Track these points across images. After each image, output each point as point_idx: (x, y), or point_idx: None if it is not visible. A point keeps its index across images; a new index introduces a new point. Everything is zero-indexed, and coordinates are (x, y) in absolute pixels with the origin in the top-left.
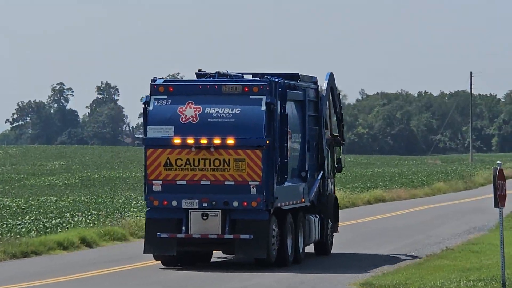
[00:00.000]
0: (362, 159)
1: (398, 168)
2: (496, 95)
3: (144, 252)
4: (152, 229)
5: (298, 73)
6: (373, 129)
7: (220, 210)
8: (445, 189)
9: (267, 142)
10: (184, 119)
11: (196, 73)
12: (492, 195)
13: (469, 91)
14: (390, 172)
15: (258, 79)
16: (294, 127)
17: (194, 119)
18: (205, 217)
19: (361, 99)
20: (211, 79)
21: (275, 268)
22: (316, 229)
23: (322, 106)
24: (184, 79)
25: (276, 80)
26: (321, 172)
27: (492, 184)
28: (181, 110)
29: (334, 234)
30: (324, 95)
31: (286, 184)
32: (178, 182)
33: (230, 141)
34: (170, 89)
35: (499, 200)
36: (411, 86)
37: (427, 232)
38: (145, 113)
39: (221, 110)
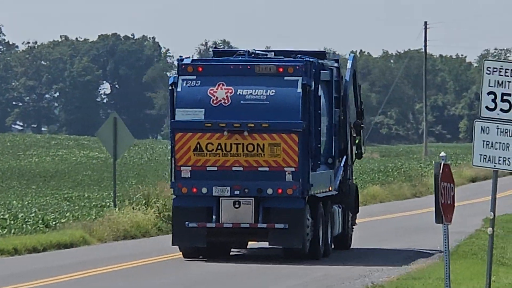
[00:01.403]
0: None
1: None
2: (465, 57)
3: (173, 244)
4: (180, 218)
5: (324, 51)
6: None
7: (253, 198)
8: (383, 196)
9: (304, 126)
10: (215, 101)
11: (213, 50)
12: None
13: (423, 50)
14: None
15: (292, 58)
16: (323, 110)
17: (226, 101)
18: (237, 205)
19: None
20: (240, 58)
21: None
22: (339, 220)
23: (346, 87)
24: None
25: (311, 60)
26: (344, 158)
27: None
28: (211, 91)
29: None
30: (348, 78)
31: (318, 171)
32: (208, 168)
33: (265, 124)
34: (200, 69)
35: (443, 212)
36: (340, 44)
37: (350, 261)
38: (172, 95)
39: (255, 92)
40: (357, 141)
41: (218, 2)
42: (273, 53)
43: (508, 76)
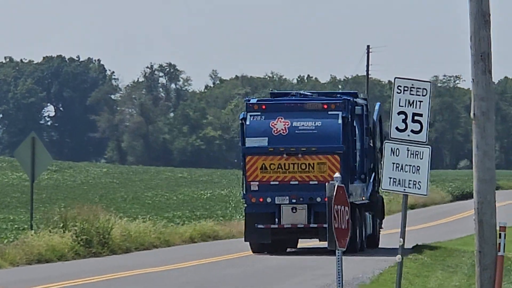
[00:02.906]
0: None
1: None
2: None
3: (245, 240)
4: (251, 221)
5: (356, 92)
6: (229, 132)
7: (306, 205)
8: None
9: (343, 149)
10: (275, 131)
11: (270, 93)
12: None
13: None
14: (239, 196)
15: (334, 98)
16: (357, 137)
17: (284, 131)
18: (294, 211)
19: (212, 85)
20: (293, 98)
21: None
22: (370, 224)
23: (374, 123)
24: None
25: (348, 98)
26: (373, 175)
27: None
28: (273, 124)
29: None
30: (375, 118)
31: (355, 183)
32: (271, 183)
33: (314, 148)
34: (263, 107)
35: (336, 237)
36: (286, 67)
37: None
38: (242, 127)
39: (306, 124)
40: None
41: (163, 26)
42: (317, 94)
43: (419, 95)
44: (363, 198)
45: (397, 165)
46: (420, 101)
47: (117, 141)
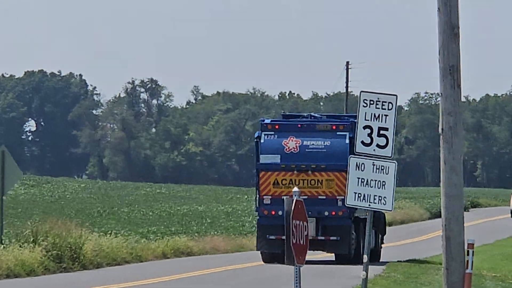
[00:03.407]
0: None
1: (231, 205)
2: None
3: (257, 249)
4: (263, 232)
5: None
6: (210, 148)
7: (315, 218)
8: None
9: None
10: (287, 150)
11: (282, 115)
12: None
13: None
14: (216, 211)
15: (342, 120)
16: None
17: (295, 149)
18: None
19: (194, 101)
20: (304, 119)
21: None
22: (373, 238)
23: None
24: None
25: (355, 120)
26: None
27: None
28: (285, 142)
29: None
30: None
31: None
32: (283, 197)
33: (323, 166)
34: (276, 127)
35: (294, 253)
36: (269, 84)
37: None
38: (257, 145)
39: (316, 143)
40: None
41: (145, 41)
42: (326, 116)
43: (385, 109)
44: (367, 213)
45: (362, 180)
46: (386, 115)
47: (99, 156)
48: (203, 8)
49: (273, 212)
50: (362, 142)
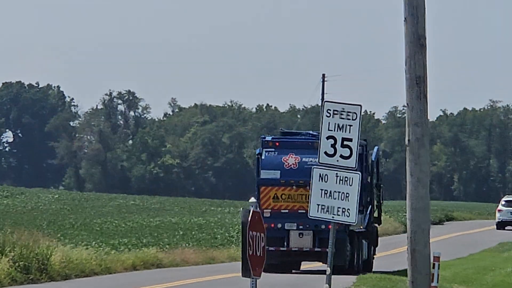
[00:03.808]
0: (155, 201)
1: (205, 217)
2: (374, 113)
3: None
4: None
5: None
6: (187, 160)
7: (312, 231)
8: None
9: None
10: (287, 166)
11: (280, 131)
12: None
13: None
14: (189, 223)
15: None
16: None
17: (295, 165)
18: (301, 236)
19: (171, 113)
20: (303, 137)
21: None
22: (366, 250)
23: (373, 163)
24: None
25: None
26: (369, 207)
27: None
28: (285, 159)
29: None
30: (373, 158)
31: None
32: (282, 211)
33: None
34: (277, 144)
35: (250, 265)
36: (245, 96)
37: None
38: (258, 161)
39: (314, 159)
40: (376, 204)
41: (123, 53)
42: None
43: (349, 119)
44: (361, 227)
45: (326, 192)
46: (350, 125)
47: (76, 168)
48: (182, 21)
49: (273, 225)
50: (326, 153)
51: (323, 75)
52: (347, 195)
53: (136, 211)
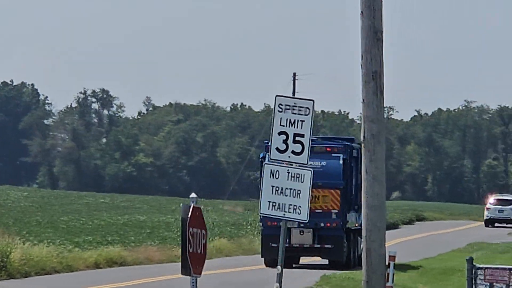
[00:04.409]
0: (125, 200)
1: (174, 215)
2: (348, 113)
3: (262, 257)
4: (266, 241)
5: (353, 138)
6: (160, 158)
7: (312, 229)
8: (230, 250)
9: (343, 184)
10: None
11: None
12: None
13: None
14: (157, 222)
15: (336, 143)
16: (353, 175)
17: None
18: (302, 233)
19: (145, 112)
20: None
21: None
22: (361, 246)
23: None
24: None
25: (347, 144)
26: None
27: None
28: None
29: None
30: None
31: (351, 213)
32: None
33: (320, 183)
34: None
35: (190, 263)
36: (220, 95)
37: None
38: (262, 164)
39: (313, 163)
40: None
41: (97, 52)
42: (321, 138)
43: (301, 114)
44: (356, 224)
45: (277, 189)
46: (302, 121)
47: (49, 166)
48: (156, 18)
49: (275, 223)
50: (277, 149)
51: (294, 73)
52: (299, 192)
53: (105, 209)
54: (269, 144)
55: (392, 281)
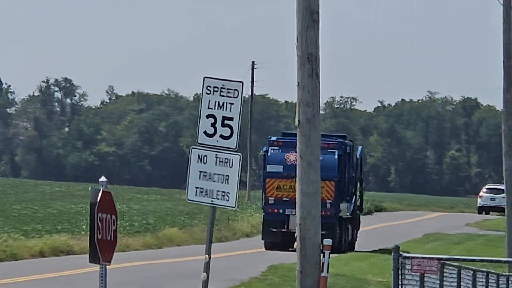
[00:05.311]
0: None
1: (128, 205)
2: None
3: (262, 239)
4: (267, 226)
5: (346, 135)
6: (122, 148)
7: None
8: (181, 239)
9: (338, 177)
10: (289, 162)
11: (282, 133)
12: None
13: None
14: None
15: (332, 139)
16: (346, 169)
17: (295, 162)
18: None
19: (108, 101)
20: None
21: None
22: (350, 233)
23: (357, 160)
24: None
25: (341, 140)
26: (354, 198)
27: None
28: (287, 156)
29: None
30: (358, 156)
31: (344, 203)
32: (284, 199)
33: None
34: (280, 143)
35: (99, 250)
36: (183, 85)
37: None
38: (265, 157)
39: None
40: (359, 195)
41: (60, 40)
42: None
43: (230, 97)
44: (348, 214)
45: (205, 174)
46: (231, 103)
47: (11, 154)
48: (119, 7)
49: (276, 210)
50: (205, 133)
51: (253, 62)
52: (227, 177)
53: (59, 198)
54: (274, 140)
55: (327, 271)
